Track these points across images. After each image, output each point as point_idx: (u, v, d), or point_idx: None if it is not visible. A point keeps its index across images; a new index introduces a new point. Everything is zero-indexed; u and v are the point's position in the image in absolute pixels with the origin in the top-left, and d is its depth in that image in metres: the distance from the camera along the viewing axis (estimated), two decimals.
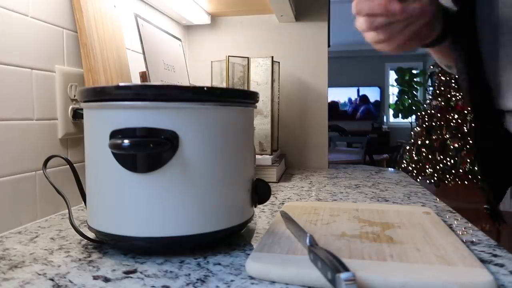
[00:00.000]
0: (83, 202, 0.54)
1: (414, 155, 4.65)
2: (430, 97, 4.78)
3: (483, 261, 0.46)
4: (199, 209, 0.47)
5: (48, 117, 0.68)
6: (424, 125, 4.65)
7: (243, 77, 1.08)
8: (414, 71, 7.40)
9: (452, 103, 4.43)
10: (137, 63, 0.96)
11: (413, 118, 7.18)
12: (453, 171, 4.24)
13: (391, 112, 8.01)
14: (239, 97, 0.52)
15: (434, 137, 4.50)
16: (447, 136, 4.37)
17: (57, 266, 0.46)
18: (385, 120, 8.50)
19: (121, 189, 0.46)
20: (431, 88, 4.87)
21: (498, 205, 0.64)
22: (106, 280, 0.42)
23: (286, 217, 0.56)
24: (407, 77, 7.38)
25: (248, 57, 1.08)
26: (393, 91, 8.24)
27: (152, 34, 0.89)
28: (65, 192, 0.55)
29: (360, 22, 0.51)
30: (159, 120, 0.45)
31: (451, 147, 4.30)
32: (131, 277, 0.42)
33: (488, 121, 0.60)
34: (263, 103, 1.07)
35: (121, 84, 0.47)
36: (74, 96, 0.73)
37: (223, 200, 0.49)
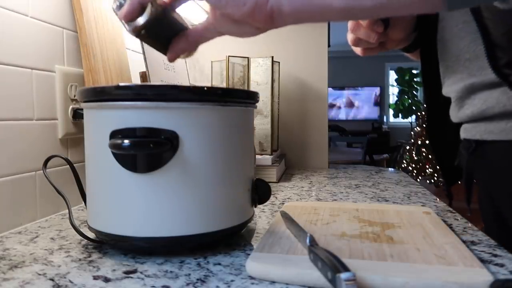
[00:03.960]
0: (83, 202, 0.54)
1: (414, 155, 4.65)
2: None
3: (483, 261, 0.46)
4: (199, 209, 0.47)
5: (48, 117, 0.68)
6: (424, 125, 4.65)
7: (243, 77, 1.08)
8: (414, 71, 7.40)
9: None
10: (137, 63, 0.96)
11: (413, 118, 7.18)
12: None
13: (391, 112, 8.01)
14: (239, 97, 0.52)
15: None
16: None
17: (57, 266, 0.46)
18: (385, 120, 8.50)
19: (121, 189, 0.46)
20: None
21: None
22: (106, 280, 0.42)
23: (286, 217, 0.56)
24: (407, 77, 7.38)
25: (248, 57, 1.08)
26: (393, 91, 8.24)
27: None
28: (65, 192, 0.55)
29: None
30: (159, 120, 0.45)
31: None
32: (131, 277, 0.42)
33: (438, 106, 0.72)
34: (263, 103, 1.07)
35: (121, 84, 0.47)
36: (74, 96, 0.73)
37: (223, 200, 0.49)
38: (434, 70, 0.70)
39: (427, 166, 4.51)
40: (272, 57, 1.08)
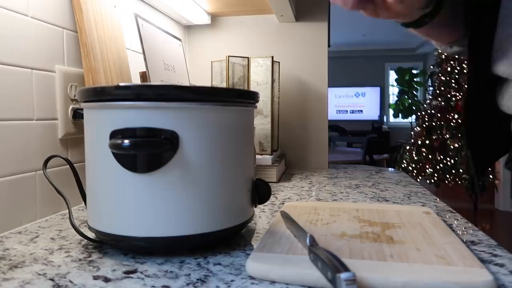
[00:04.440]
0: (83, 202, 0.54)
1: (414, 155, 4.65)
2: (430, 97, 4.77)
3: (483, 261, 0.46)
4: (199, 209, 0.47)
5: (48, 117, 0.68)
6: (424, 125, 4.65)
7: (243, 77, 1.08)
8: (414, 71, 7.40)
9: (452, 103, 4.42)
10: (137, 63, 0.96)
11: (413, 118, 7.18)
12: (453, 171, 4.24)
13: (391, 112, 8.01)
14: (239, 97, 0.52)
15: (434, 137, 4.50)
16: (447, 136, 4.37)
17: (57, 266, 0.46)
18: (385, 120, 8.50)
19: (121, 189, 0.46)
20: (431, 88, 4.86)
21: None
22: (106, 280, 0.42)
23: (286, 217, 0.56)
24: (407, 77, 7.38)
25: (248, 57, 1.08)
26: (393, 91, 8.24)
27: (152, 34, 0.89)
28: (65, 192, 0.55)
29: None
30: (159, 120, 0.45)
31: (451, 147, 4.30)
32: (131, 277, 0.42)
33: (483, 89, 0.59)
34: (263, 103, 1.07)
35: (121, 84, 0.47)
36: (74, 96, 0.73)
37: (223, 200, 0.49)
38: (488, 37, 0.55)
39: (427, 166, 4.51)
40: (272, 57, 1.08)
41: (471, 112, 0.61)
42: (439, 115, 4.51)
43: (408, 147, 4.81)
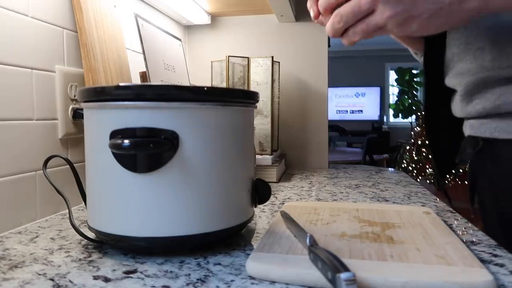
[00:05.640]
0: (83, 202, 0.54)
1: (414, 155, 4.65)
2: None
3: (483, 261, 0.46)
4: (199, 209, 0.47)
5: (48, 117, 0.68)
6: (424, 125, 4.64)
7: (243, 77, 1.08)
8: (414, 71, 7.40)
9: None
10: (137, 63, 0.96)
11: (413, 118, 7.17)
12: (453, 171, 4.24)
13: (391, 112, 8.01)
14: (239, 97, 0.52)
15: None
16: None
17: (57, 266, 0.46)
18: (385, 120, 8.50)
19: (121, 189, 0.46)
20: None
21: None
22: (106, 280, 0.42)
23: (286, 217, 0.56)
24: (407, 77, 7.38)
25: (248, 57, 1.08)
26: (393, 91, 8.24)
27: (152, 34, 0.89)
28: (65, 192, 0.55)
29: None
30: (159, 120, 0.45)
31: None
32: (131, 277, 0.42)
33: (438, 98, 0.68)
34: (263, 103, 1.07)
35: (121, 84, 0.47)
36: (74, 96, 0.73)
37: (223, 200, 0.49)
38: (440, 55, 0.64)
39: (427, 166, 4.51)
40: (272, 57, 1.08)
41: (430, 117, 0.70)
42: None
43: (408, 147, 4.80)
